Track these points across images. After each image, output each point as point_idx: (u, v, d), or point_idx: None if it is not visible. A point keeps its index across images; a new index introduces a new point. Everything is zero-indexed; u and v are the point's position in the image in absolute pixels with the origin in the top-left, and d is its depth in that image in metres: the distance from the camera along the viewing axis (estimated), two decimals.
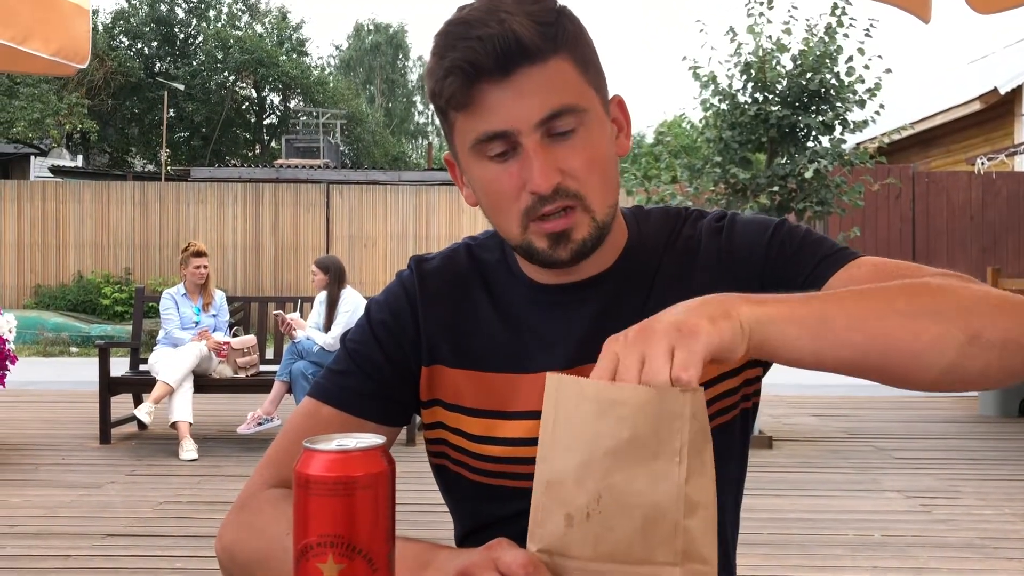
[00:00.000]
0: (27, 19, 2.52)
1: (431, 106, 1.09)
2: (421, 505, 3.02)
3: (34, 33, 2.55)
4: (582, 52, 0.97)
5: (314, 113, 27.70)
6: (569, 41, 0.95)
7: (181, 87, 25.49)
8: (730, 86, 7.66)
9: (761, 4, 7.50)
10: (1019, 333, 0.81)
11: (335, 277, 6.30)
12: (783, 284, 0.94)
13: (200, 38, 28.72)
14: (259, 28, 30.53)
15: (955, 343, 0.79)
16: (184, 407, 5.89)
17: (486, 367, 1.03)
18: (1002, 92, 12.06)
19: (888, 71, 7.60)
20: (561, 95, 0.93)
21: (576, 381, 0.76)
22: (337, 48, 43.12)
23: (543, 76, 0.93)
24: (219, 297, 6.61)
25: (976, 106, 12.19)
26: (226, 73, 28.34)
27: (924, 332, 0.79)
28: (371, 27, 42.50)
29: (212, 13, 29.50)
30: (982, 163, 11.43)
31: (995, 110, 12.03)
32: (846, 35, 7.46)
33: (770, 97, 7.59)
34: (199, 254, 6.44)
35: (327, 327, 6.22)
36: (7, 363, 5.75)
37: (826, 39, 7.47)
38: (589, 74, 0.97)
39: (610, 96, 1.02)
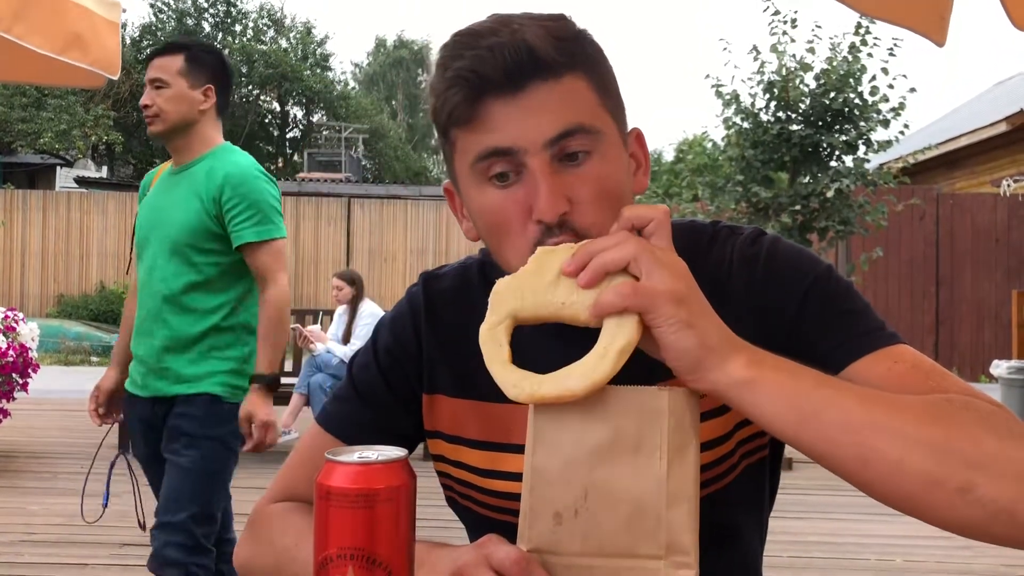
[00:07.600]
0: (65, 30, 2.57)
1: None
2: (438, 520, 3.00)
3: (72, 44, 2.59)
4: (600, 75, 0.88)
5: (336, 127, 27.92)
6: (587, 61, 0.87)
7: None
8: (753, 105, 7.65)
9: (785, 23, 7.50)
10: (1017, 503, 0.70)
11: (360, 289, 6.38)
12: (805, 345, 0.85)
13: (225, 52, 29.02)
14: (284, 43, 30.84)
15: (942, 489, 0.71)
16: None
17: (489, 397, 0.95)
18: None
19: (912, 91, 7.57)
20: (575, 113, 0.84)
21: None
22: (357, 66, 43.40)
23: (556, 92, 0.84)
24: None
25: (1003, 127, 12.07)
26: (250, 87, 28.64)
27: (913, 464, 0.72)
28: (395, 43, 42.80)
29: (238, 28, 29.84)
30: (1008, 185, 11.31)
31: (1022, 131, 11.91)
32: (870, 54, 7.43)
33: (793, 116, 7.57)
34: None
35: (346, 339, 6.24)
36: (29, 371, 5.79)
37: (849, 58, 7.44)
38: (607, 99, 0.88)
39: (629, 129, 0.93)
